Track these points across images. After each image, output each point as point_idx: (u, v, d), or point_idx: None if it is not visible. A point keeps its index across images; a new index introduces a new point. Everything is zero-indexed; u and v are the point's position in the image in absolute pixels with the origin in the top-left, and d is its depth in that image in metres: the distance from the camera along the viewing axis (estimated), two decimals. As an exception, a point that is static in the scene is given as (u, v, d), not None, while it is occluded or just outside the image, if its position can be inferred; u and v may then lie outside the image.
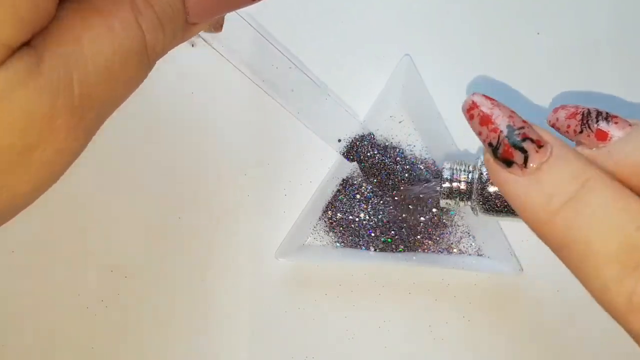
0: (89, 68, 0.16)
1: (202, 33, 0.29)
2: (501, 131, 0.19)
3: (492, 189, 0.26)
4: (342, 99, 0.34)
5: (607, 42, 0.34)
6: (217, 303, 0.34)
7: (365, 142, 0.33)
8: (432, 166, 0.34)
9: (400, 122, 0.34)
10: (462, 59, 0.34)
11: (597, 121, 0.20)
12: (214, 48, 0.31)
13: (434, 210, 0.34)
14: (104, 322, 0.34)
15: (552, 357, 0.34)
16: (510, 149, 0.18)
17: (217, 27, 0.23)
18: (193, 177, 0.34)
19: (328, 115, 0.32)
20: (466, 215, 0.34)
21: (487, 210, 0.28)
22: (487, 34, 0.34)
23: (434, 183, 0.33)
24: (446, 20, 0.34)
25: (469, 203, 0.29)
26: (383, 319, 0.34)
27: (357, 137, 0.34)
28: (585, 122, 0.20)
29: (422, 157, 0.34)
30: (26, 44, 0.15)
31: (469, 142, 0.34)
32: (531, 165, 0.18)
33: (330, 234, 0.34)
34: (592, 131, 0.20)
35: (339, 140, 0.33)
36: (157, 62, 0.18)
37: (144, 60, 0.17)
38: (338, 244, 0.34)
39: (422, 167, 0.34)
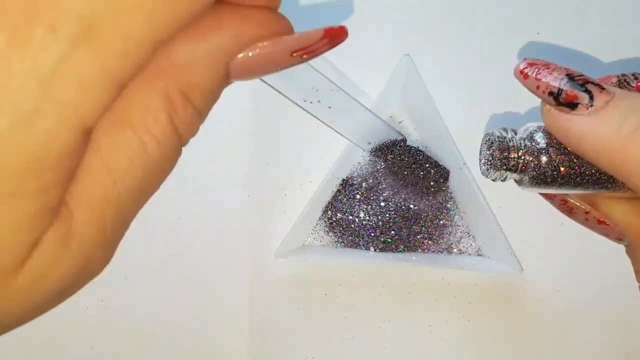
0: (121, 199, 0.15)
1: None
2: (562, 79, 0.21)
3: (544, 158, 0.25)
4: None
5: (607, 42, 0.34)
6: (217, 303, 0.34)
7: (397, 148, 0.33)
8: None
9: (400, 122, 0.34)
10: (462, 59, 0.34)
11: (635, 79, 0.22)
12: None
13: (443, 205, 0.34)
14: (103, 322, 0.34)
15: (551, 357, 0.34)
16: (574, 92, 0.20)
17: None
18: (193, 177, 0.34)
19: (363, 126, 0.32)
20: (466, 215, 0.34)
21: (537, 182, 0.27)
22: (487, 34, 0.34)
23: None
24: (446, 20, 0.34)
25: (518, 174, 0.28)
26: (383, 319, 0.34)
27: (388, 141, 0.33)
28: (623, 82, 0.22)
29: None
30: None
31: (469, 142, 0.34)
32: (596, 104, 0.19)
33: (330, 234, 0.34)
34: (633, 87, 0.22)
35: (369, 143, 0.33)
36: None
37: (177, 156, 0.16)
38: (338, 244, 0.34)
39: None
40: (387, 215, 0.34)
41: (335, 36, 0.17)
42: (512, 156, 0.25)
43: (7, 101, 0.11)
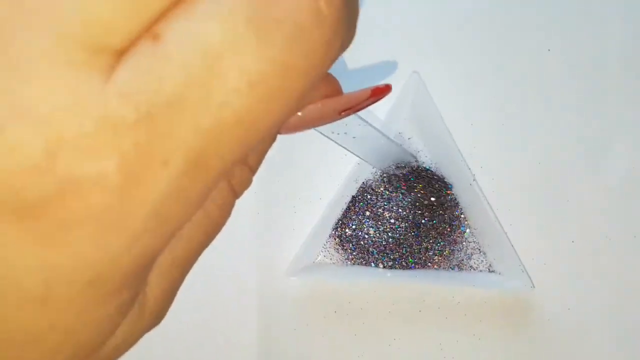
0: (186, 261, 0.16)
1: None
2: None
3: None
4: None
5: (617, 58, 0.34)
6: (226, 320, 0.34)
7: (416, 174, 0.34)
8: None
9: (409, 138, 0.34)
10: (470, 76, 0.34)
11: None
12: None
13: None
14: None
15: (565, 375, 0.33)
16: None
17: None
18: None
19: (380, 150, 0.32)
20: (477, 231, 0.34)
21: None
22: (497, 51, 0.34)
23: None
24: (455, 37, 0.35)
25: None
26: (393, 337, 0.34)
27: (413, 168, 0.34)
28: None
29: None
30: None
31: (479, 158, 0.34)
32: None
33: (340, 251, 0.34)
34: None
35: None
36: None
37: (232, 210, 0.17)
38: (348, 261, 0.34)
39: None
40: (397, 232, 0.34)
41: (381, 94, 0.17)
42: None
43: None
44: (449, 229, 0.34)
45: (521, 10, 0.34)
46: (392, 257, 0.34)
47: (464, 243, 0.34)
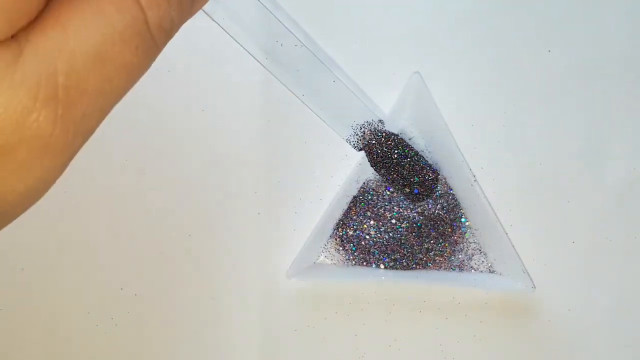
0: (77, 57, 0.14)
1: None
2: None
3: None
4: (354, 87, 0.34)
5: (617, 59, 0.34)
6: (227, 321, 0.34)
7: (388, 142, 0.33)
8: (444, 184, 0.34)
9: (410, 138, 0.34)
10: (472, 76, 0.34)
11: None
12: (214, 20, 0.29)
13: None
14: (114, 340, 0.34)
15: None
16: None
17: None
18: (203, 195, 0.34)
19: (336, 100, 0.31)
20: (478, 231, 0.34)
21: None
22: (498, 52, 0.34)
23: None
24: (456, 37, 0.35)
25: None
26: (393, 338, 0.34)
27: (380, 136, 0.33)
28: None
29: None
30: (11, 37, 0.14)
31: (480, 159, 0.34)
32: None
33: (341, 251, 0.34)
34: None
35: (351, 127, 0.32)
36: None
37: (146, 41, 0.16)
38: (349, 262, 0.34)
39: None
40: (398, 232, 0.34)
41: None
42: None
43: None
44: (449, 230, 0.34)
45: (522, 11, 0.34)
46: (393, 257, 0.34)
47: (464, 244, 0.34)
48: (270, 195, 0.34)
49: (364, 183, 0.34)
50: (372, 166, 0.33)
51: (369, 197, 0.34)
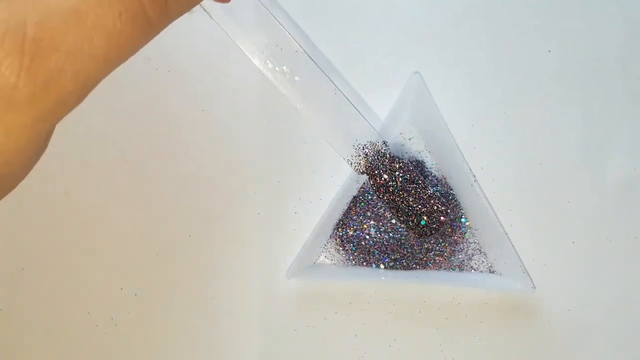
0: (52, 10, 0.14)
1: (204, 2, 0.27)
2: None
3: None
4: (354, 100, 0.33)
5: (617, 59, 0.34)
6: (227, 321, 0.34)
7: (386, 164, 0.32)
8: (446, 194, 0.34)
9: (410, 138, 0.34)
10: (472, 77, 0.34)
11: None
12: (212, 18, 0.29)
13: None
14: (114, 340, 0.34)
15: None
16: None
17: None
18: (203, 195, 0.34)
19: (337, 115, 0.29)
20: (478, 232, 0.34)
21: None
22: (498, 52, 0.34)
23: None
24: (456, 37, 0.35)
25: None
26: (393, 338, 0.34)
27: (379, 156, 0.32)
28: None
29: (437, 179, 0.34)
30: None
31: (480, 159, 0.34)
32: None
33: (341, 251, 0.34)
34: None
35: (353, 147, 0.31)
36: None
37: (133, 9, 0.15)
38: (349, 262, 0.34)
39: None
40: (398, 232, 0.34)
41: None
42: None
43: None
44: (449, 230, 0.34)
45: (522, 11, 0.34)
46: (393, 257, 0.34)
47: (464, 244, 0.34)
48: (270, 195, 0.34)
49: (364, 183, 0.34)
50: (374, 192, 0.32)
51: (369, 197, 0.34)
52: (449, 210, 0.32)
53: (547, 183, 0.34)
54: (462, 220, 0.34)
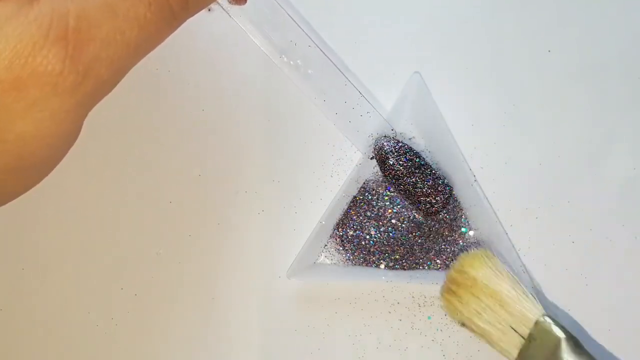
0: (89, 3, 0.15)
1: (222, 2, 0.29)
2: None
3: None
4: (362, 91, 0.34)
5: (618, 59, 0.34)
6: (227, 321, 0.34)
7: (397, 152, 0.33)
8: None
9: (410, 138, 0.34)
10: (472, 76, 0.34)
11: None
12: (230, 16, 0.31)
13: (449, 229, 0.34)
14: (114, 340, 0.34)
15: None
16: None
17: None
18: (203, 195, 0.34)
19: (348, 105, 0.32)
20: (478, 231, 0.34)
21: None
22: (498, 52, 0.34)
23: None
24: (456, 37, 0.35)
25: None
26: (394, 338, 0.34)
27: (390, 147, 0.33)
28: None
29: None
30: None
31: (480, 158, 0.34)
32: None
33: (341, 251, 0.34)
34: None
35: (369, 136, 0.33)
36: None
37: (162, 15, 0.17)
38: (349, 262, 0.34)
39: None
40: (399, 232, 0.34)
41: None
42: None
43: None
44: (449, 229, 0.34)
45: (522, 11, 0.34)
46: (393, 257, 0.34)
47: (464, 244, 0.34)
48: (270, 195, 0.34)
49: (364, 183, 0.34)
50: (383, 176, 0.33)
51: (369, 197, 0.34)
52: (452, 188, 0.33)
53: (547, 183, 0.34)
54: (462, 220, 0.34)
